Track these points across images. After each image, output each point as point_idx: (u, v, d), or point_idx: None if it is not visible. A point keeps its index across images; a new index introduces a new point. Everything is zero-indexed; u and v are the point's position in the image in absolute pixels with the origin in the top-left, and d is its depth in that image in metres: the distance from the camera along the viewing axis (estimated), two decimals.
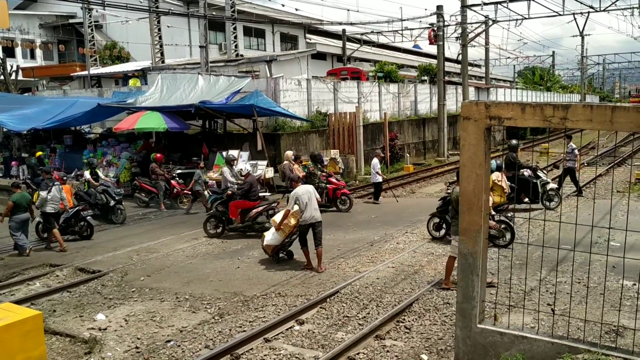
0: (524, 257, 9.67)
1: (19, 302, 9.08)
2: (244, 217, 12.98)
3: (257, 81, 22.07)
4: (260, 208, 12.86)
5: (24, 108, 22.01)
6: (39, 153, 21.24)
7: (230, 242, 12.87)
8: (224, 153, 19.25)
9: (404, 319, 8.03)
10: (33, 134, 23.51)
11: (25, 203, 12.23)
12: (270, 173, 18.72)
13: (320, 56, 43.06)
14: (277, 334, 7.72)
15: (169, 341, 7.61)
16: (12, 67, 31.77)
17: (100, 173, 16.70)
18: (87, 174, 16.24)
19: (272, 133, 21.04)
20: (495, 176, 11.28)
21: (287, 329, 7.89)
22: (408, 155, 27.24)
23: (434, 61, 33.13)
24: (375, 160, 17.75)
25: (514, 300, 6.69)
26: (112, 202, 15.34)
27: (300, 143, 21.75)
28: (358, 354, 7.04)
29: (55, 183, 12.99)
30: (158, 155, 17.47)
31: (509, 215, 11.35)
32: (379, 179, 17.76)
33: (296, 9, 39.04)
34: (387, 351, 7.11)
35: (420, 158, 29.15)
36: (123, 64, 35.19)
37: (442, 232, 12.17)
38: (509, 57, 51.16)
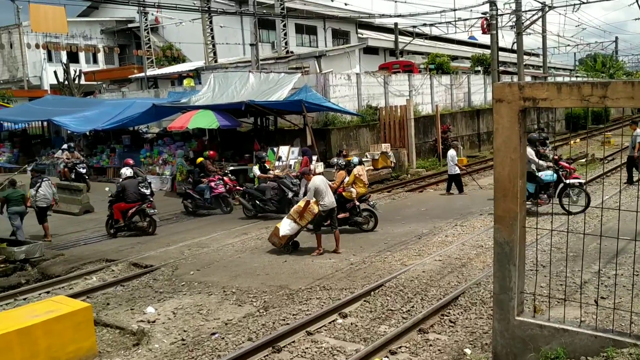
0: (578, 249, 9.26)
1: (75, 295, 9.50)
2: (124, 218, 14.09)
3: (307, 77, 22.13)
4: (133, 209, 13.98)
5: (85, 110, 22.97)
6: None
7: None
8: (275, 149, 19.47)
9: (449, 313, 7.87)
10: (94, 135, 24.46)
11: (18, 197, 13.33)
12: (320, 168, 18.72)
13: (372, 50, 42.79)
14: (320, 327, 7.72)
15: (213, 334, 7.75)
16: (75, 71, 33.17)
17: (270, 166, 16.79)
18: (256, 169, 16.23)
19: (322, 128, 21.05)
20: (357, 170, 12.71)
21: (329, 322, 7.88)
22: (461, 147, 26.66)
23: (488, 51, 32.25)
24: (453, 152, 17.41)
25: (561, 293, 6.41)
26: (290, 194, 14.85)
27: (351, 137, 21.67)
28: (400, 347, 6.95)
29: (45, 179, 14.13)
30: (211, 152, 17.79)
31: (371, 203, 13.14)
32: (457, 170, 17.42)
33: (345, 4, 38.90)
34: (430, 345, 6.99)
35: (475, 150, 28.47)
36: (178, 65, 36.10)
37: None
38: (568, 45, 49.15)
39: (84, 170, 19.96)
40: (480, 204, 15.07)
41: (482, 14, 30.57)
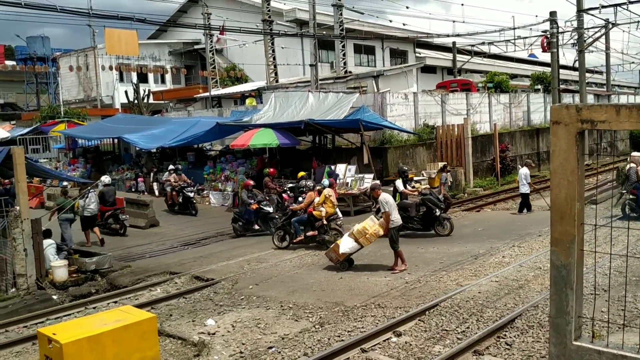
0: None
1: (141, 306, 9.97)
2: (101, 218, 16.31)
3: (365, 96, 22.39)
4: (109, 213, 16.48)
5: (153, 128, 24.06)
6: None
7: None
8: (332, 167, 19.75)
9: (504, 335, 7.81)
10: (161, 152, 25.52)
11: (68, 206, 14.71)
12: None
13: (429, 69, 42.67)
14: (374, 345, 7.83)
15: (270, 347, 7.99)
16: (144, 91, 34.76)
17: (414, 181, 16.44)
18: (399, 184, 14.98)
19: (379, 147, 21.20)
20: (327, 191, 13.70)
21: (384, 340, 7.97)
22: (520, 167, 26.14)
23: (548, 69, 31.58)
24: (526, 170, 17.29)
25: (620, 318, 6.28)
26: (438, 212, 14.52)
27: (407, 156, 21.69)
28: None
29: (92, 192, 15.59)
30: (271, 169, 18.26)
31: (339, 223, 13.91)
32: (528, 189, 17.20)
33: (403, 24, 39.06)
34: None
35: (534, 170, 27.79)
36: (241, 85, 37.22)
37: None
38: (632, 62, 47.34)
39: (192, 194, 19.75)
40: (539, 225, 14.75)
41: (543, 31, 30.04)
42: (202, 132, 21.95)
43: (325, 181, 14.76)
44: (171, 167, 21.13)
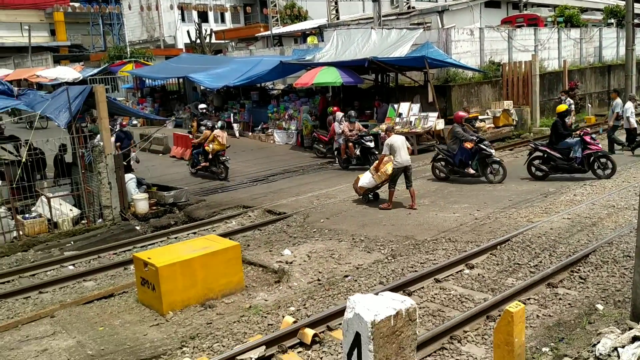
0: None
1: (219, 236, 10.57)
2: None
3: (429, 33, 21.87)
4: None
5: (217, 68, 24.40)
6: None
7: (402, 191, 13.33)
8: (396, 106, 19.66)
9: (578, 269, 7.92)
10: (225, 91, 25.96)
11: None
12: (440, 125, 18.71)
13: (494, 4, 40.71)
14: (447, 276, 8.11)
15: (346, 276, 8.40)
16: (206, 31, 34.96)
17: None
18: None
19: (442, 85, 20.87)
20: (216, 132, 15.87)
21: (456, 272, 8.24)
22: (590, 105, 25.22)
23: (622, 2, 29.66)
24: (630, 104, 16.30)
25: None
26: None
27: (472, 94, 21.29)
28: (529, 299, 7.16)
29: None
30: (335, 108, 18.36)
31: (222, 159, 15.82)
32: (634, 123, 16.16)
33: None
34: (560, 299, 7.14)
35: (604, 109, 26.71)
36: (301, 23, 36.86)
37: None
38: None
39: (372, 144, 16.00)
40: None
41: None
42: (265, 71, 22.10)
43: (219, 123, 17.34)
44: (338, 114, 17.01)
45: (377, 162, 12.41)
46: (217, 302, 7.89)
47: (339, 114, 17.12)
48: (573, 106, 18.86)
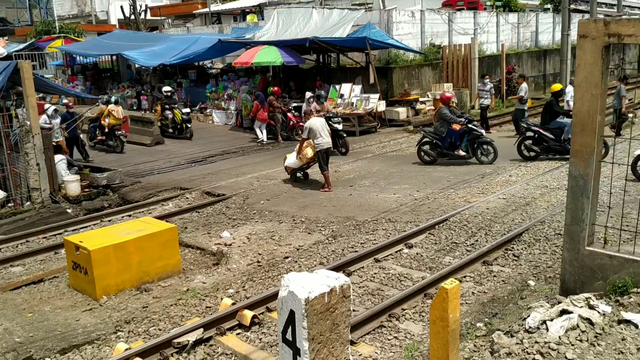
0: None
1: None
2: None
3: (370, 14, 21.86)
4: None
5: (152, 45, 23.55)
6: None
7: (343, 172, 13.37)
8: (337, 87, 19.62)
9: (512, 247, 8.13)
10: (162, 70, 25.15)
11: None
12: (382, 106, 18.83)
13: None
14: (387, 256, 8.16)
15: (287, 257, 8.32)
16: (141, 6, 33.69)
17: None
18: None
19: (384, 67, 20.96)
20: (110, 107, 16.55)
21: (396, 252, 8.30)
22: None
23: None
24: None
25: (631, 231, 6.52)
26: None
27: (413, 77, 21.50)
28: (465, 276, 7.31)
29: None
30: (275, 88, 18.11)
31: (118, 133, 16.73)
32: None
33: None
34: (494, 276, 7.32)
35: (540, 92, 27.69)
36: (241, 0, 36.08)
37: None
38: None
39: (340, 126, 15.28)
40: None
41: None
42: (203, 50, 21.54)
43: (113, 98, 17.73)
44: (308, 94, 17.25)
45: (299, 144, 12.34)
46: (154, 285, 7.66)
47: (308, 93, 17.53)
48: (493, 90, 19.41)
